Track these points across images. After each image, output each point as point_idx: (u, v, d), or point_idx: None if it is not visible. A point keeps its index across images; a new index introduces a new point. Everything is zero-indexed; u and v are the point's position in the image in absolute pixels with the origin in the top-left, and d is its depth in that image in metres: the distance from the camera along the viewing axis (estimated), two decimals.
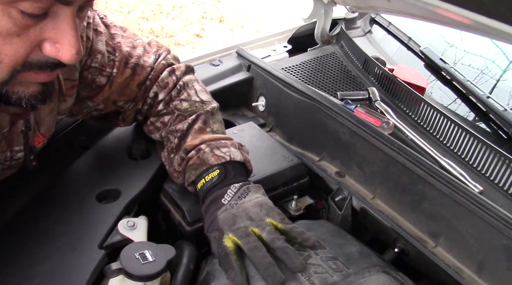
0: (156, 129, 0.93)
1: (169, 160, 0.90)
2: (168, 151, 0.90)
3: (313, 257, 0.78)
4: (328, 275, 0.74)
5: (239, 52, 1.32)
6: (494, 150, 0.95)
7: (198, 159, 0.84)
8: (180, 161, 0.87)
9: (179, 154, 0.87)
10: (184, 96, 0.93)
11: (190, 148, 0.86)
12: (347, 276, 0.75)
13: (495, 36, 0.97)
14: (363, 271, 0.77)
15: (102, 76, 0.85)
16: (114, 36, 0.87)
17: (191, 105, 0.92)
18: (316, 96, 1.07)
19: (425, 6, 0.94)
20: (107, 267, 0.69)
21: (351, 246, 0.83)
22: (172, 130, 0.90)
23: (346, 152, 1.02)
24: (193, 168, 0.85)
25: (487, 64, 1.36)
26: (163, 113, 0.93)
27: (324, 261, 0.77)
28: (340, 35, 1.48)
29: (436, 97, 1.27)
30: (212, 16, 4.48)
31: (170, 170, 0.90)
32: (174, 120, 0.91)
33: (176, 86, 0.93)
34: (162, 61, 0.93)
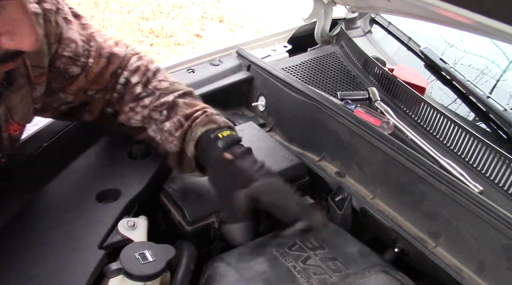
0: (137, 114, 0.89)
1: (159, 130, 0.87)
2: (157, 123, 0.87)
3: (312, 258, 0.78)
4: (327, 276, 0.74)
5: (239, 52, 1.32)
6: (494, 150, 0.95)
7: (206, 118, 0.84)
8: (177, 124, 0.84)
9: (175, 119, 0.85)
10: (161, 77, 0.91)
11: (191, 113, 0.85)
12: (346, 276, 0.75)
13: (495, 36, 0.97)
14: (363, 271, 0.77)
15: (75, 66, 0.82)
16: (86, 26, 0.85)
17: (171, 85, 0.90)
18: (316, 96, 1.07)
19: (425, 6, 0.94)
20: (107, 267, 0.69)
21: (351, 246, 0.83)
22: (156, 105, 0.87)
23: (346, 152, 1.02)
24: (200, 125, 0.83)
25: (487, 64, 1.36)
26: (143, 95, 0.89)
27: (324, 262, 0.77)
28: (340, 35, 1.48)
29: (436, 97, 1.27)
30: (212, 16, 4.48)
31: (162, 138, 0.86)
32: (156, 100, 0.88)
33: (150, 68, 0.91)
34: (130, 51, 0.92)
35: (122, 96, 0.90)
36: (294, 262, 0.77)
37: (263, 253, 0.79)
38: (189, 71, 1.25)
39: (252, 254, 0.79)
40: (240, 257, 0.78)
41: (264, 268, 0.76)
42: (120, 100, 0.90)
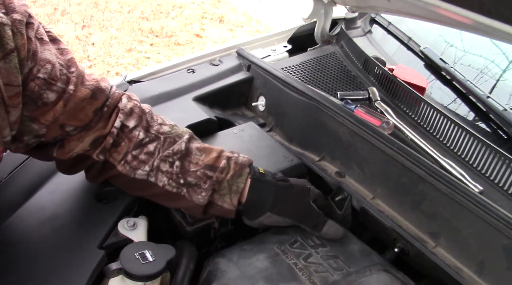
0: (142, 163, 0.79)
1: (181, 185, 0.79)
2: (173, 179, 0.79)
3: (313, 256, 0.78)
4: (329, 274, 0.74)
5: (239, 52, 1.32)
6: (494, 150, 0.94)
7: (236, 166, 0.81)
8: (204, 178, 0.79)
9: (199, 173, 0.79)
10: (160, 120, 0.84)
11: (212, 162, 0.81)
12: (347, 275, 0.75)
13: (495, 36, 0.97)
14: (364, 270, 0.77)
15: (51, 91, 0.70)
16: (65, 52, 0.75)
17: (172, 128, 0.84)
18: (316, 96, 1.07)
19: (425, 6, 0.94)
20: (107, 267, 0.69)
21: (352, 245, 0.83)
22: (167, 155, 0.80)
23: (346, 152, 1.02)
24: (237, 176, 0.81)
25: (487, 63, 1.36)
26: (147, 141, 0.80)
27: (325, 260, 0.77)
28: (340, 35, 1.48)
29: (436, 97, 1.27)
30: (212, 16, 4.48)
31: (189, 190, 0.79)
32: (162, 146, 0.80)
33: (146, 111, 0.83)
34: (116, 90, 0.82)
35: (117, 142, 0.79)
36: (295, 259, 0.78)
37: (264, 249, 0.80)
38: (189, 71, 1.25)
39: (253, 250, 0.80)
40: (241, 253, 0.79)
41: (265, 265, 0.76)
42: (115, 147, 0.79)
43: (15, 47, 0.64)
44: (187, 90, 1.18)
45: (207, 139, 1.06)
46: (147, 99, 1.11)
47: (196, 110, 1.11)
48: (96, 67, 3.33)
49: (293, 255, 0.79)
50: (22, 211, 0.80)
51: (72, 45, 3.53)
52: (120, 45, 3.64)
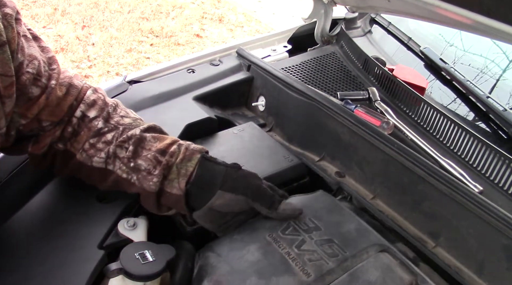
0: (98, 151, 0.80)
1: (133, 169, 0.79)
2: (125, 162, 0.79)
3: (307, 242, 0.75)
4: (324, 262, 0.72)
5: (239, 52, 1.32)
6: (494, 150, 0.95)
7: (186, 150, 0.80)
8: (154, 162, 0.79)
9: (149, 156, 0.79)
10: (123, 113, 0.85)
11: (164, 147, 0.80)
12: (343, 260, 0.73)
13: (495, 36, 0.97)
14: (361, 253, 0.74)
15: (36, 87, 0.73)
16: (46, 50, 0.78)
17: (134, 120, 0.84)
18: (316, 96, 1.07)
19: (425, 6, 0.94)
20: (107, 267, 0.69)
21: (348, 224, 0.80)
22: (122, 140, 0.80)
23: (346, 152, 1.02)
24: (186, 160, 0.79)
25: (487, 63, 1.36)
26: (105, 131, 0.81)
27: (319, 246, 0.75)
28: (340, 35, 1.48)
29: (436, 97, 1.27)
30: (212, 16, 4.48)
31: (139, 177, 0.79)
32: (120, 135, 0.81)
33: (109, 103, 0.84)
34: (85, 84, 0.84)
35: (77, 131, 0.81)
36: (288, 248, 0.75)
37: (255, 239, 0.77)
38: (189, 71, 1.25)
39: (244, 240, 0.77)
40: (231, 245, 0.76)
41: (256, 257, 0.74)
42: (75, 136, 0.81)
43: (6, 40, 0.67)
44: (187, 90, 1.18)
45: (207, 139, 1.06)
46: (147, 99, 1.11)
47: (196, 109, 1.11)
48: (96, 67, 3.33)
49: (285, 243, 0.76)
50: (23, 212, 0.80)
51: (72, 45, 3.53)
52: (120, 45, 3.65)
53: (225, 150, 1.03)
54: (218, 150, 1.03)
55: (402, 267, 0.75)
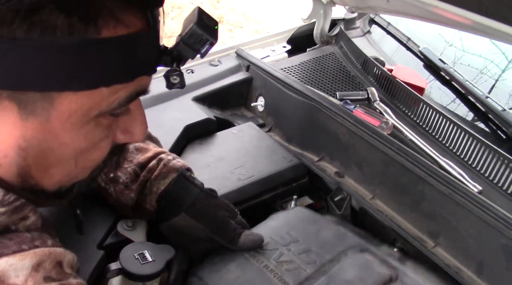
0: None
1: (112, 180, 0.78)
2: (105, 172, 0.78)
3: (285, 254, 0.76)
4: (301, 270, 0.73)
5: (238, 53, 1.32)
6: (493, 150, 0.95)
7: (164, 167, 0.78)
8: (133, 175, 0.77)
9: (130, 169, 0.78)
10: None
11: (145, 161, 0.78)
12: (321, 266, 0.73)
13: (494, 36, 0.97)
14: (339, 256, 0.75)
15: None
16: None
17: None
18: (315, 96, 1.07)
19: (424, 6, 0.94)
20: (106, 267, 0.69)
21: (325, 231, 0.81)
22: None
23: (345, 152, 1.02)
24: (161, 178, 0.77)
25: (486, 63, 1.36)
26: None
27: (297, 255, 0.75)
28: (339, 35, 1.48)
29: (435, 97, 1.27)
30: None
31: (117, 189, 0.78)
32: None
33: None
34: None
35: None
36: (266, 261, 0.75)
37: (234, 257, 0.77)
38: (188, 71, 1.25)
39: (223, 260, 0.77)
40: (212, 268, 0.77)
41: (236, 274, 0.74)
42: None
43: None
44: (186, 90, 1.18)
45: (206, 139, 1.06)
46: (146, 99, 1.11)
47: (195, 110, 1.11)
48: None
49: (263, 257, 0.76)
50: None
51: None
52: None
53: (224, 150, 1.03)
54: (217, 150, 1.03)
55: (382, 264, 0.76)
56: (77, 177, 0.57)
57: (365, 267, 0.74)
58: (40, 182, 0.54)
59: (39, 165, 0.51)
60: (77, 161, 0.53)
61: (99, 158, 0.56)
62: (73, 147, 0.51)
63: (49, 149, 0.50)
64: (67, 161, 0.53)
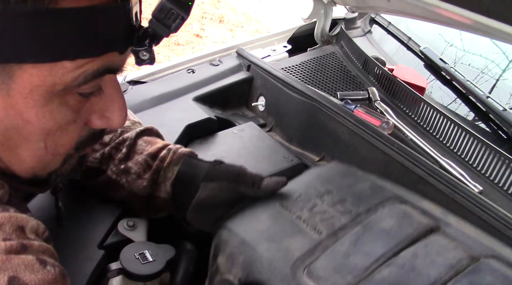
0: (94, 151, 0.81)
1: (123, 172, 0.79)
2: (115, 164, 0.79)
3: (318, 205, 0.72)
4: (336, 220, 0.69)
5: (239, 52, 1.32)
6: (494, 150, 0.95)
7: (174, 154, 0.79)
8: (145, 165, 0.78)
9: (140, 159, 0.78)
10: None
11: (155, 151, 0.80)
12: (357, 215, 0.69)
13: (495, 36, 0.97)
14: (376, 206, 0.71)
15: None
16: None
17: (133, 124, 0.85)
18: (316, 96, 1.07)
19: (425, 6, 0.94)
20: (107, 267, 0.69)
21: (361, 184, 0.76)
22: (118, 142, 0.80)
23: (346, 152, 1.02)
24: (173, 164, 0.79)
25: (487, 63, 1.36)
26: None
27: (331, 206, 0.72)
28: (340, 35, 1.48)
29: (436, 97, 1.27)
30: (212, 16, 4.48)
31: (129, 180, 0.78)
32: (117, 137, 0.82)
33: None
34: None
35: None
36: (299, 212, 0.72)
37: (266, 209, 0.75)
38: (189, 71, 1.25)
39: (255, 213, 0.75)
40: (242, 219, 0.74)
41: (267, 225, 0.71)
42: None
43: None
44: (187, 90, 1.18)
45: (207, 139, 1.06)
46: (147, 99, 1.11)
47: (196, 109, 1.11)
48: None
49: (296, 208, 0.73)
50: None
51: None
52: None
53: (225, 150, 1.03)
54: (218, 150, 1.03)
55: (422, 214, 0.70)
56: (50, 164, 0.56)
57: (403, 217, 0.69)
58: (10, 166, 0.53)
59: (5, 146, 0.51)
60: (46, 144, 0.52)
61: (68, 143, 0.54)
62: (38, 126, 0.49)
63: (13, 128, 0.49)
64: (35, 143, 0.51)
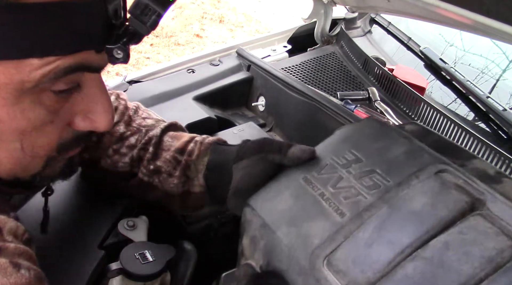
0: (123, 156, 0.78)
1: (154, 172, 0.76)
2: (145, 165, 0.76)
3: (344, 178, 0.65)
4: (361, 197, 0.61)
5: (239, 52, 1.32)
6: (494, 150, 0.95)
7: (201, 146, 0.76)
8: (174, 162, 0.75)
9: (168, 156, 0.76)
10: (144, 114, 0.83)
11: (182, 145, 0.77)
12: (386, 191, 0.61)
13: (495, 36, 0.97)
14: (408, 179, 0.61)
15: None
16: None
17: (156, 122, 0.82)
18: (316, 96, 1.07)
19: (425, 6, 0.94)
20: (107, 267, 0.69)
21: (396, 147, 0.67)
22: (145, 142, 0.77)
23: None
24: (202, 155, 0.75)
25: (487, 63, 1.36)
26: (128, 134, 0.78)
27: (358, 179, 0.64)
28: (340, 35, 1.48)
29: (436, 97, 1.27)
30: (212, 16, 4.48)
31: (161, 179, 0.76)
32: (143, 137, 0.78)
33: (130, 107, 0.82)
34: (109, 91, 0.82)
35: (100, 139, 0.78)
36: (322, 188, 0.65)
37: (289, 184, 0.68)
38: (189, 71, 1.25)
39: (278, 189, 0.68)
40: (265, 197, 0.68)
41: (288, 204, 0.65)
42: (99, 143, 0.78)
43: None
44: (187, 90, 1.18)
45: None
46: (147, 99, 1.11)
47: (196, 109, 1.12)
48: None
49: (320, 184, 0.65)
50: (22, 212, 0.80)
51: None
52: None
53: None
54: None
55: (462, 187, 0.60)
56: (29, 166, 0.54)
57: (438, 193, 0.59)
58: None
59: None
60: (22, 145, 0.50)
61: (47, 144, 0.52)
62: (10, 126, 0.47)
63: None
64: (10, 143, 0.49)
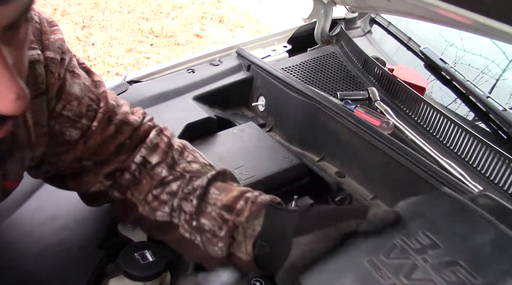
0: (163, 204, 0.69)
1: (197, 229, 0.67)
2: (187, 220, 0.67)
3: (420, 268, 0.54)
4: None
5: (239, 52, 1.32)
6: (494, 150, 0.95)
7: (252, 205, 0.66)
8: (220, 221, 0.65)
9: (214, 213, 0.66)
10: (190, 158, 0.74)
11: (231, 202, 0.67)
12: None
13: (495, 36, 0.97)
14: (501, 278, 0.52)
15: (74, 129, 0.65)
16: (98, 84, 0.69)
17: (203, 167, 0.73)
18: (316, 96, 1.07)
19: (425, 6, 0.94)
20: (107, 267, 0.69)
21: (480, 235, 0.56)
22: (187, 192, 0.68)
23: (346, 152, 1.02)
24: (253, 217, 0.65)
25: (487, 63, 1.36)
26: (170, 180, 0.70)
27: (438, 271, 0.53)
28: (340, 35, 1.48)
29: (436, 97, 1.27)
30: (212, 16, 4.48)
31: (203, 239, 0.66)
32: (186, 185, 0.70)
33: (175, 147, 0.74)
34: (148, 122, 0.74)
35: (138, 179, 0.71)
36: (394, 278, 0.54)
37: (351, 268, 0.57)
38: (189, 71, 1.25)
39: (337, 269, 0.57)
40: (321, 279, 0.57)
41: None
42: (136, 185, 0.71)
43: (46, 88, 0.61)
44: (187, 90, 1.18)
45: (207, 139, 1.06)
46: (147, 99, 1.11)
47: (196, 109, 1.12)
48: (96, 67, 3.33)
49: (390, 271, 0.54)
50: (22, 211, 0.80)
51: (72, 45, 3.53)
52: (120, 46, 3.64)
53: (225, 150, 1.03)
54: (218, 150, 1.03)
55: None
56: None
57: None
58: None
59: None
60: None
61: None
62: None
63: None
64: None
